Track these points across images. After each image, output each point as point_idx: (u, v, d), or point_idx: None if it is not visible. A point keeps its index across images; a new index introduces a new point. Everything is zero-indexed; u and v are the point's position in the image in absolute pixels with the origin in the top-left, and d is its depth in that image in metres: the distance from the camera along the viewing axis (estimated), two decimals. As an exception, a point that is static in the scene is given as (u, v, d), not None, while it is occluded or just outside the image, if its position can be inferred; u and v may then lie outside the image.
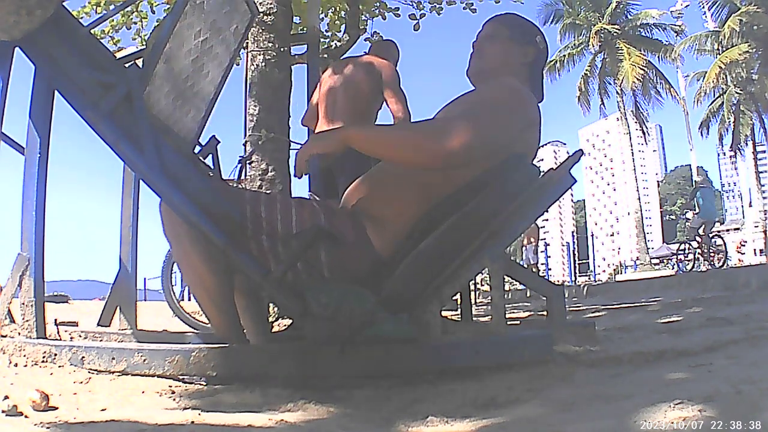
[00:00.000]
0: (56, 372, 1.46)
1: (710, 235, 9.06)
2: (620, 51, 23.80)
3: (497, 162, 1.49)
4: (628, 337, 2.03)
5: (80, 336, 2.08)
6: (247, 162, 3.75)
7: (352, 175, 1.72)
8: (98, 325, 2.21)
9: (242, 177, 3.76)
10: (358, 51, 5.33)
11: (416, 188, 1.52)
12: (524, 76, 1.69)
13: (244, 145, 4.05)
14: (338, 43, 5.16)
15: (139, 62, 1.73)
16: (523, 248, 13.07)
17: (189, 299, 6.50)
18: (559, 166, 1.65)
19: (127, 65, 1.73)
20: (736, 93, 24.76)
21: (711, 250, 8.89)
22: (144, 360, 1.45)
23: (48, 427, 1.03)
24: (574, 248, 23.55)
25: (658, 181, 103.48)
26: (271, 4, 3.79)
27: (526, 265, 11.07)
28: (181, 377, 1.50)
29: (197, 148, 1.95)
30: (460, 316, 2.20)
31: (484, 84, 1.68)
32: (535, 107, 1.60)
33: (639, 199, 24.06)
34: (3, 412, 1.08)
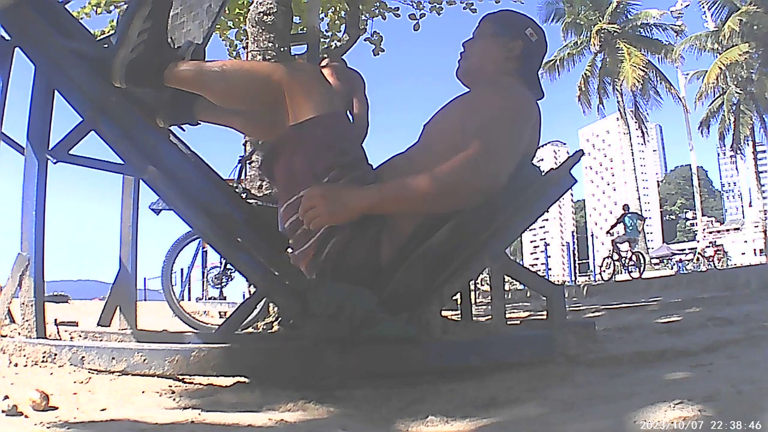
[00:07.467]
0: (56, 372, 1.46)
1: (632, 251, 12.31)
2: (620, 51, 23.83)
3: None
4: (628, 337, 2.02)
5: (80, 336, 2.07)
6: (247, 162, 3.75)
7: None
8: (98, 325, 2.21)
9: (242, 177, 3.76)
10: (358, 51, 5.33)
11: None
12: (511, 70, 1.65)
13: (244, 145, 4.05)
14: (338, 43, 5.15)
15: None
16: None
17: (189, 299, 6.50)
18: (559, 166, 1.65)
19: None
20: (736, 93, 24.79)
21: (631, 263, 12.06)
22: (144, 360, 1.45)
23: (48, 427, 1.03)
24: (574, 248, 23.50)
25: (658, 181, 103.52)
26: (271, 4, 3.78)
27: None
28: (181, 377, 1.50)
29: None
30: (460, 316, 2.20)
31: (477, 88, 1.66)
32: (534, 107, 1.59)
33: (639, 199, 24.07)
34: (3, 412, 1.08)
